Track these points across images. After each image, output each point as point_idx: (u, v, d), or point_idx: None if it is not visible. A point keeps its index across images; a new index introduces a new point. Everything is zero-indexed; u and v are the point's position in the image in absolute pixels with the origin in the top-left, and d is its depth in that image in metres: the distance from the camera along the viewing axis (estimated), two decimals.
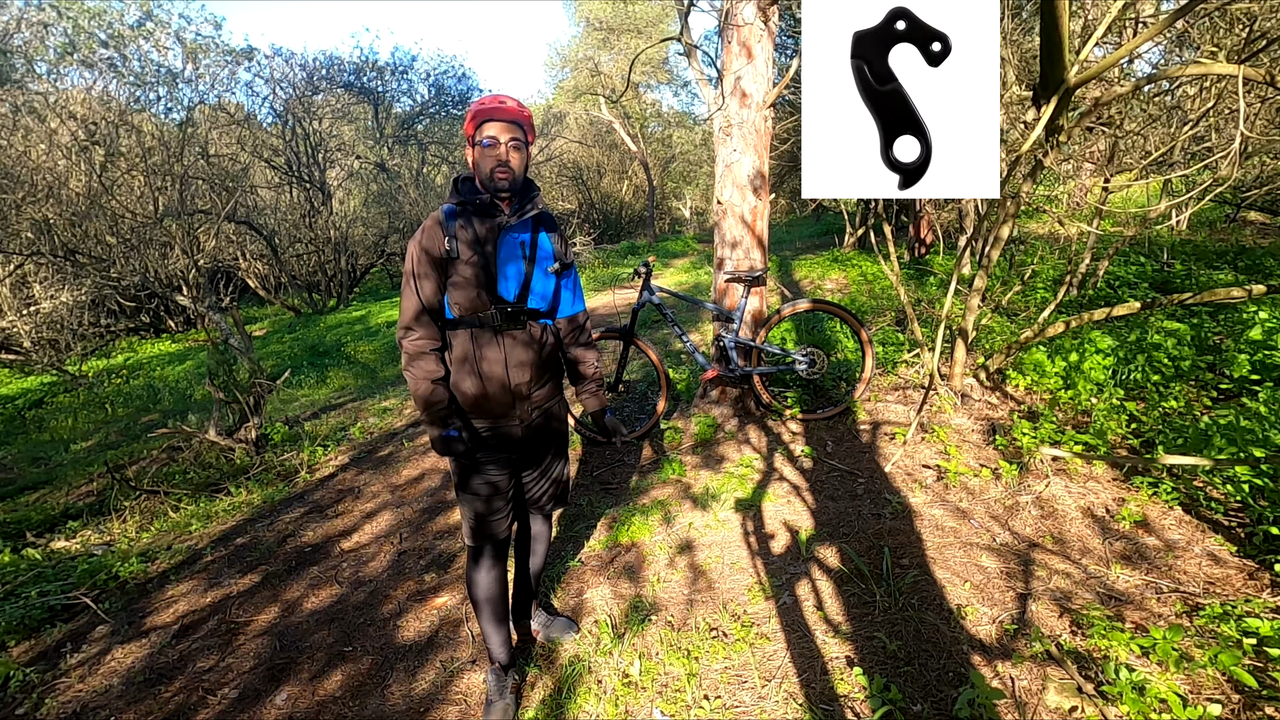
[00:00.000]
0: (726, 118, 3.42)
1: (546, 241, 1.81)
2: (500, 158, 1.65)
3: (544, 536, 2.12)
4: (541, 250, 1.79)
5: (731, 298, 3.63)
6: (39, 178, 7.03)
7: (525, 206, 1.73)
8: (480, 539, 1.84)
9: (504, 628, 1.90)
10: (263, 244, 11.79)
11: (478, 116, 1.66)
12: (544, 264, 1.79)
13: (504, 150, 1.65)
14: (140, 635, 2.47)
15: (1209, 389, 3.23)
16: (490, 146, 1.65)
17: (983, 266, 3.40)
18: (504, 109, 1.65)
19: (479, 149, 1.67)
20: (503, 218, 1.70)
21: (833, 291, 7.27)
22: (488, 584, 1.86)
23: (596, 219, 19.81)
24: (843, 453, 3.30)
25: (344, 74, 13.23)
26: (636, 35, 16.11)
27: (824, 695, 1.80)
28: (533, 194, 1.76)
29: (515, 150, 1.67)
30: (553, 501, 2.04)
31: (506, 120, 1.66)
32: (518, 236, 1.74)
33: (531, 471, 1.94)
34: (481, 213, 1.70)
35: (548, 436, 1.93)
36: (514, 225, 1.72)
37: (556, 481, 2.02)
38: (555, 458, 1.99)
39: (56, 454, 5.34)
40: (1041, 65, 2.01)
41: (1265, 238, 6.23)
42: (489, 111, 1.65)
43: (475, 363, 1.71)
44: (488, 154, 1.65)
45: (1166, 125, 4.08)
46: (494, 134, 1.64)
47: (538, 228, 1.79)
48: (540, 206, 1.77)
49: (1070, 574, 2.20)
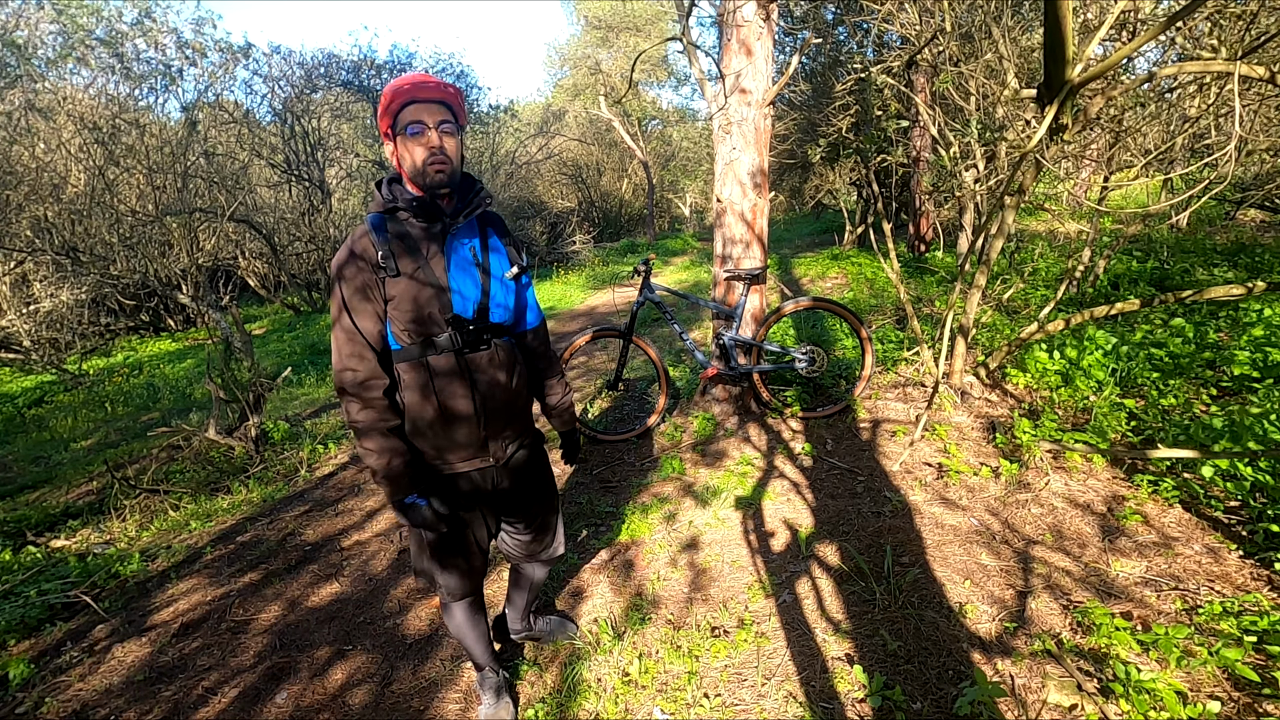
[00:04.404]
0: (726, 115, 3.41)
1: (499, 244, 1.55)
2: (432, 144, 1.36)
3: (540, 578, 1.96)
4: (496, 254, 1.52)
5: (731, 295, 3.63)
6: (42, 176, 7.03)
7: (470, 205, 1.46)
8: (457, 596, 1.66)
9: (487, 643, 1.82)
10: (262, 242, 11.78)
11: (396, 99, 1.35)
12: (500, 271, 1.52)
13: (435, 136, 1.36)
14: (140, 634, 2.47)
15: (1209, 386, 3.23)
16: (417, 134, 1.35)
17: (983, 263, 3.40)
18: (426, 87, 1.35)
19: (403, 139, 1.37)
20: (445, 221, 1.43)
21: (832, 289, 7.27)
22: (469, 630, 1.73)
23: (596, 217, 19.78)
24: (842, 451, 3.30)
25: (343, 72, 13.19)
26: (635, 33, 16.09)
27: (824, 693, 1.80)
28: (476, 189, 1.48)
29: (448, 136, 1.38)
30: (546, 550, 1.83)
31: (431, 100, 1.36)
32: (466, 241, 1.47)
33: (515, 520, 1.73)
34: (420, 216, 1.41)
35: (531, 474, 1.69)
36: (460, 228, 1.45)
37: (546, 528, 1.79)
38: (542, 498, 1.76)
39: (56, 453, 5.34)
40: (1045, 64, 2.00)
41: (1266, 234, 6.22)
42: (410, 91, 1.34)
43: (436, 398, 1.43)
44: (415, 143, 1.36)
45: (1166, 123, 4.07)
46: (420, 118, 1.35)
47: (485, 229, 1.53)
48: (486, 204, 1.50)
49: (1070, 571, 2.20)
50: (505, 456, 1.58)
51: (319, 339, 8.98)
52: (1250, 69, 2.02)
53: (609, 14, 16.75)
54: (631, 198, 21.40)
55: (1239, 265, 5.09)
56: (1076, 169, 6.40)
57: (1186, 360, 3.42)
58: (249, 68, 11.35)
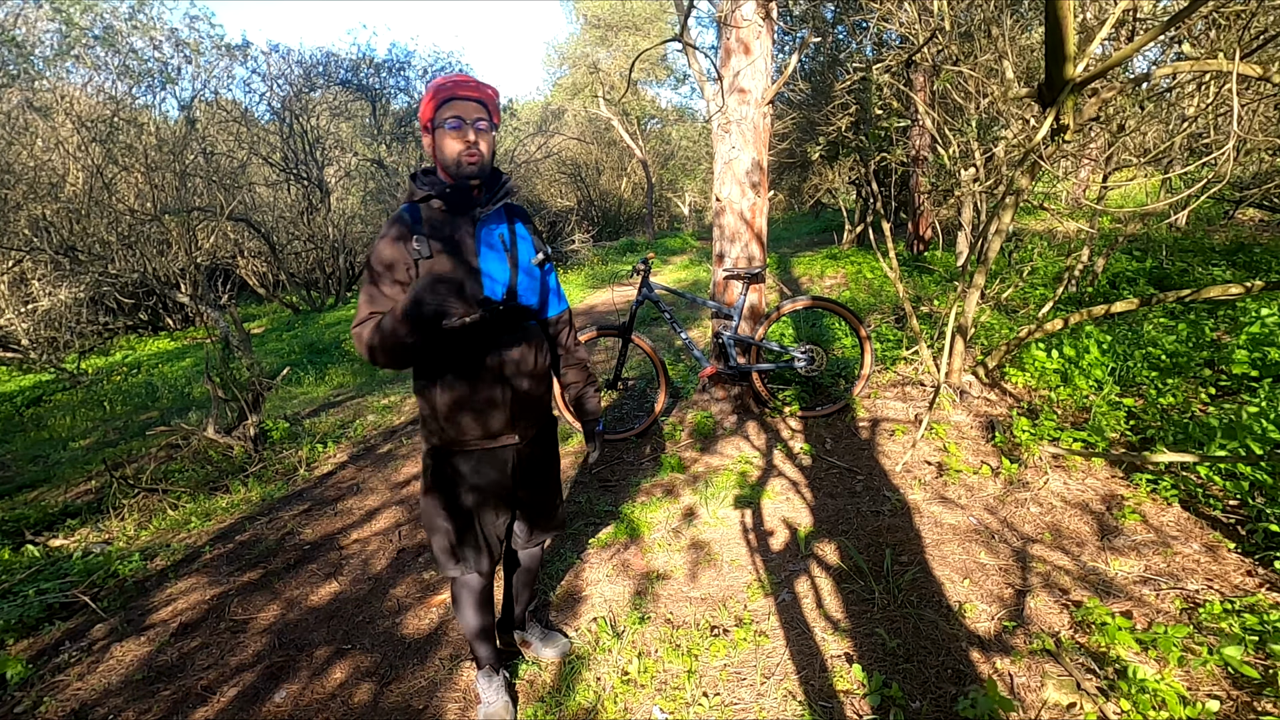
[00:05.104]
0: (725, 114, 3.41)
1: (525, 232, 1.65)
2: (467, 139, 1.47)
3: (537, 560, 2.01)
4: (523, 241, 1.63)
5: (730, 294, 3.63)
6: (40, 175, 7.01)
7: (497, 195, 1.56)
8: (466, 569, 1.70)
9: (490, 640, 1.85)
10: (261, 241, 11.77)
11: (438, 95, 1.47)
12: (527, 257, 1.63)
13: (470, 132, 1.47)
14: (139, 633, 2.47)
15: (1208, 385, 3.24)
16: (456, 129, 1.46)
17: (982, 262, 3.40)
18: (465, 86, 1.47)
19: (441, 132, 1.48)
20: (476, 209, 1.53)
21: (831, 288, 7.28)
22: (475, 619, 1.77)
23: (595, 216, 19.77)
24: (841, 450, 3.31)
25: (341, 71, 13.17)
26: (634, 32, 16.04)
27: (823, 692, 1.80)
28: (503, 181, 1.59)
29: (482, 132, 1.49)
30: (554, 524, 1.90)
31: (470, 99, 1.48)
32: (495, 229, 1.57)
33: (528, 495, 1.78)
34: (452, 205, 1.52)
35: (545, 454, 1.79)
36: (489, 215, 1.56)
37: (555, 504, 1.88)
38: (549, 474, 1.84)
39: (55, 452, 5.34)
40: (1046, 65, 2.01)
41: (1264, 233, 6.23)
42: (451, 88, 1.46)
43: (466, 380, 1.52)
44: (453, 137, 1.47)
45: (1165, 122, 4.07)
46: (458, 114, 1.46)
47: (512, 218, 1.64)
48: (513, 195, 1.61)
49: (1069, 570, 2.20)
50: (528, 436, 1.67)
51: (318, 338, 8.97)
52: (1248, 68, 2.02)
53: (608, 13, 16.71)
54: (630, 197, 21.39)
55: (1237, 264, 5.10)
56: (1075, 168, 6.40)
57: (1185, 359, 3.42)
58: (247, 66, 11.33)
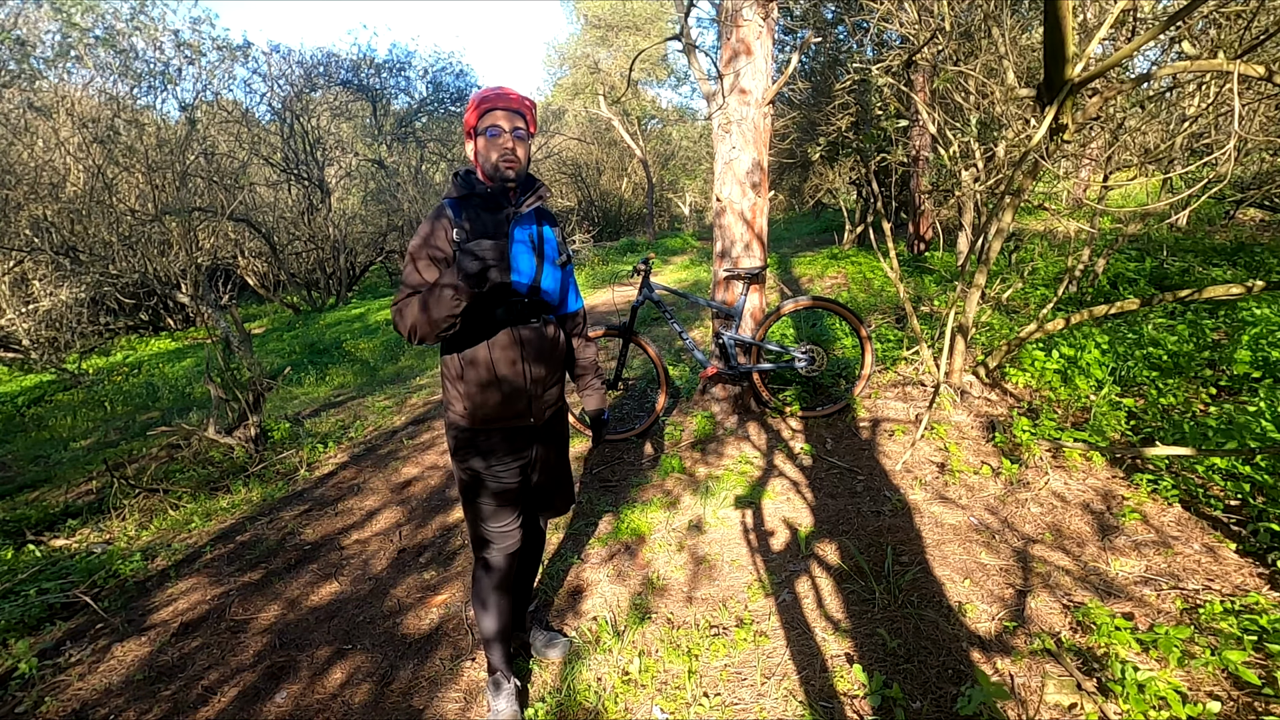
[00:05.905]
0: (726, 114, 3.41)
1: (550, 234, 1.79)
2: (506, 147, 1.61)
3: (542, 540, 2.11)
4: (548, 243, 1.77)
5: (731, 294, 3.63)
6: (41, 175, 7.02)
7: (529, 198, 1.70)
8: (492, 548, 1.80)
9: (507, 643, 1.88)
10: (261, 242, 11.77)
11: (481, 105, 1.62)
12: (551, 256, 1.76)
13: (509, 139, 1.61)
14: (140, 633, 2.47)
15: (1208, 385, 3.24)
16: (496, 136, 1.61)
17: (983, 262, 3.40)
18: (508, 97, 1.62)
19: (483, 139, 1.63)
20: (510, 209, 1.67)
21: (832, 288, 7.28)
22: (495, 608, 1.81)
23: (596, 216, 19.78)
24: (842, 450, 3.31)
25: (342, 71, 13.19)
26: (635, 32, 16.04)
27: (823, 692, 1.80)
28: (536, 186, 1.73)
29: (520, 141, 1.63)
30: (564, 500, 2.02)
31: (510, 109, 1.62)
32: (526, 228, 1.71)
33: (542, 472, 1.91)
34: (488, 204, 1.66)
35: (558, 435, 1.92)
36: (522, 216, 1.69)
37: (565, 480, 2.00)
38: (563, 456, 1.98)
39: (56, 452, 5.34)
40: (1046, 65, 2.01)
41: (1265, 233, 6.23)
42: (493, 100, 1.61)
43: (491, 362, 1.66)
44: (493, 144, 1.61)
45: (1165, 122, 4.07)
46: (499, 123, 1.61)
47: (541, 220, 1.77)
48: (544, 199, 1.75)
49: (1070, 570, 2.20)
50: (544, 418, 1.80)
51: (318, 338, 8.98)
52: (1249, 68, 2.02)
53: (608, 13, 16.70)
54: (631, 197, 21.39)
55: (1238, 264, 5.10)
56: (1075, 168, 6.40)
57: (1185, 359, 3.42)
58: (248, 66, 11.34)
